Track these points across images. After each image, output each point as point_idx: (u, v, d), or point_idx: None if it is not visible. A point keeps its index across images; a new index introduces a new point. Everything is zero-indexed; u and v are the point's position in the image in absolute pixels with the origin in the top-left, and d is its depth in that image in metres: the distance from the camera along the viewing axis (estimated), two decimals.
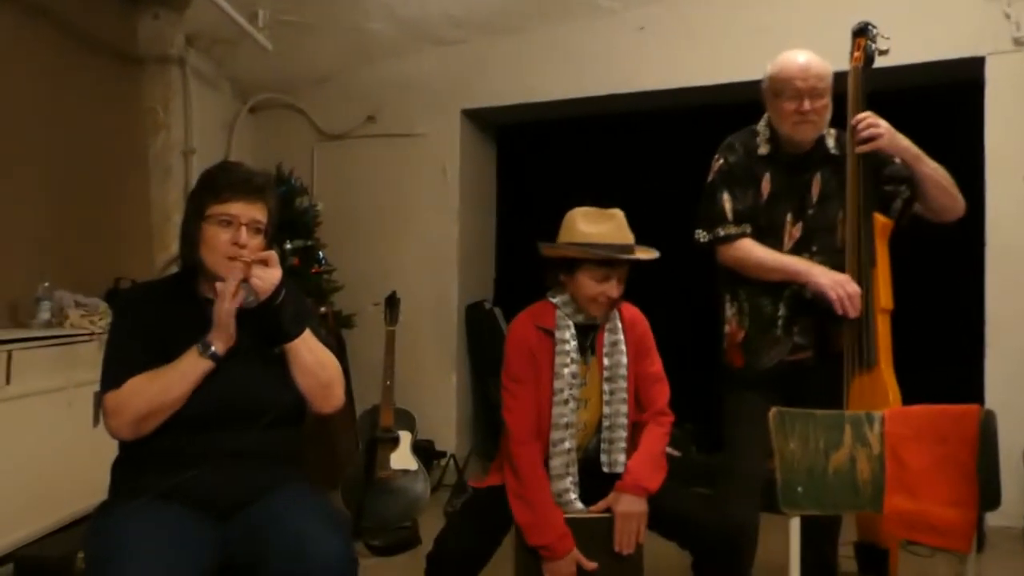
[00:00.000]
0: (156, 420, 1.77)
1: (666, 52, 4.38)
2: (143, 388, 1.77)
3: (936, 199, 2.41)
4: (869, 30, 2.54)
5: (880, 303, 2.38)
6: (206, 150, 4.50)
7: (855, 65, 2.51)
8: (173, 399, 1.77)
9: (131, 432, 1.78)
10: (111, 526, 1.71)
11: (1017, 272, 3.73)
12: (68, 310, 3.37)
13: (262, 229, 1.89)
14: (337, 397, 1.96)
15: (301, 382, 1.89)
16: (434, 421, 4.64)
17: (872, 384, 2.33)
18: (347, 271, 4.75)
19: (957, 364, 3.91)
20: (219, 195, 1.85)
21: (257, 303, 1.83)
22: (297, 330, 1.89)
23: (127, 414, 1.76)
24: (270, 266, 1.84)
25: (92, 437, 3.22)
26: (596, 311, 2.24)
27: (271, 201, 1.92)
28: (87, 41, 3.94)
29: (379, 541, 3.49)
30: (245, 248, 1.83)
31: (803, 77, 2.34)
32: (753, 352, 2.46)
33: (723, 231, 2.45)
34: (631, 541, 2.11)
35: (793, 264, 2.38)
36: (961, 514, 1.90)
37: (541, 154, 5.29)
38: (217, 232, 1.84)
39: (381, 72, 4.97)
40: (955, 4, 3.81)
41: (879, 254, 2.40)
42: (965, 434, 1.93)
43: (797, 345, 2.42)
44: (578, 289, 2.24)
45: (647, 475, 2.15)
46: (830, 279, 2.30)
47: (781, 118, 2.40)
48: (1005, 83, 3.78)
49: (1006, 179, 3.77)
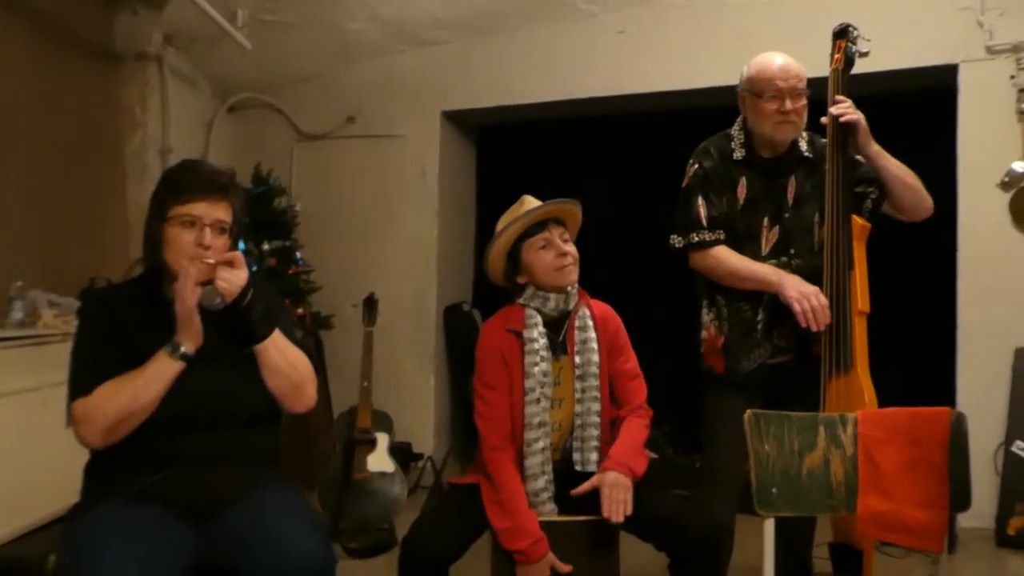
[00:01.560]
0: (128, 427, 1.75)
1: (645, 56, 4.40)
2: (113, 395, 1.74)
3: (903, 197, 2.44)
4: (850, 32, 2.55)
5: (857, 306, 2.39)
6: (184, 149, 4.47)
7: (835, 67, 2.52)
8: (144, 404, 1.75)
9: (102, 440, 1.76)
10: (85, 527, 1.69)
11: (989, 278, 3.79)
12: (42, 310, 3.34)
13: (227, 229, 1.86)
14: (309, 397, 1.95)
15: (271, 383, 1.88)
16: (412, 423, 4.64)
17: (848, 386, 2.35)
18: (325, 272, 4.74)
19: (929, 367, 3.97)
20: (181, 196, 1.82)
21: (224, 305, 1.80)
22: (266, 331, 1.87)
23: (97, 422, 1.74)
24: (236, 267, 1.82)
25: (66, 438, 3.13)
26: (565, 278, 2.25)
27: (236, 200, 1.89)
28: (64, 37, 3.90)
29: (356, 543, 3.47)
30: (209, 249, 1.81)
31: (784, 77, 2.38)
32: (733, 357, 2.46)
33: (697, 237, 2.45)
34: (619, 509, 2.06)
35: (764, 274, 2.38)
36: (933, 515, 1.93)
37: (521, 156, 5.30)
38: (180, 233, 1.81)
39: (361, 73, 4.96)
40: (929, 12, 3.87)
41: (857, 257, 2.42)
42: (937, 436, 1.95)
43: (777, 348, 2.43)
44: (535, 274, 2.26)
45: (631, 458, 2.15)
46: (797, 292, 2.31)
47: (762, 118, 2.41)
48: (978, 91, 3.84)
49: (979, 186, 3.82)
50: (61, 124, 3.87)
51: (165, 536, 1.69)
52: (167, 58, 4.38)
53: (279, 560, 1.65)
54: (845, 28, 2.57)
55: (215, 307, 1.80)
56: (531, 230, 2.27)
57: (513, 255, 2.30)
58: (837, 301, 2.36)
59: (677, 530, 2.13)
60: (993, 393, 3.71)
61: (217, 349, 1.84)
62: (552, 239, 2.25)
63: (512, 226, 2.27)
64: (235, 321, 1.83)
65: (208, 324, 1.82)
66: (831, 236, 2.39)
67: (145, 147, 4.35)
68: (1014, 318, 3.70)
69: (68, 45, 3.94)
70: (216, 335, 1.84)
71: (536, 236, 2.26)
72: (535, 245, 2.26)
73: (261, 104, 5.14)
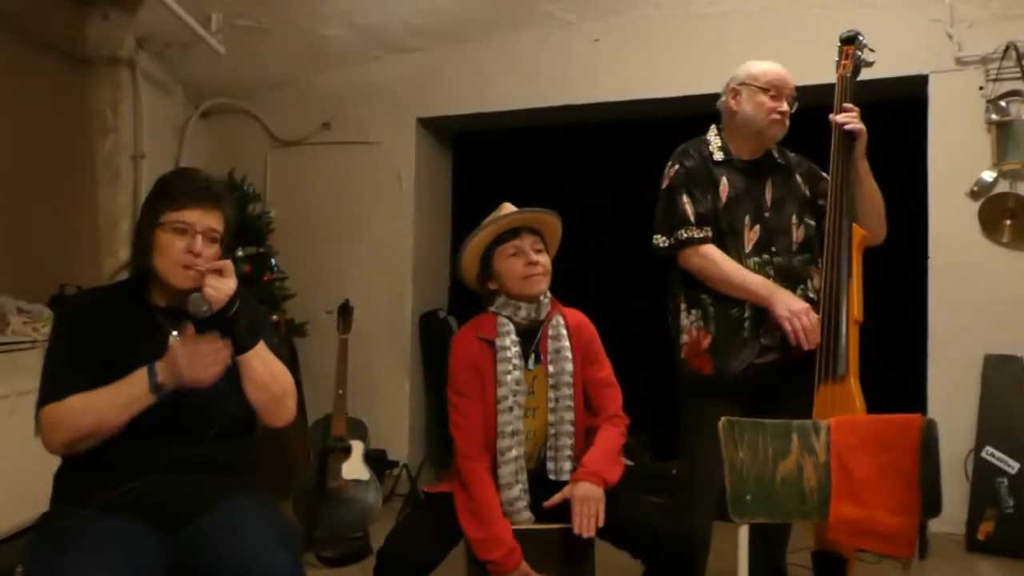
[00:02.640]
0: (90, 443, 1.73)
1: (621, 64, 4.43)
2: (83, 411, 1.72)
3: (868, 218, 2.48)
4: (859, 39, 2.59)
5: (852, 314, 2.39)
6: (156, 154, 4.43)
7: (842, 74, 2.56)
8: (110, 427, 1.72)
9: (64, 450, 1.75)
10: (54, 537, 1.67)
11: (958, 286, 3.84)
12: (10, 316, 3.28)
13: (218, 238, 1.85)
14: (288, 411, 1.92)
15: (252, 395, 1.85)
16: (387, 431, 4.62)
17: (842, 394, 2.34)
18: (300, 279, 4.71)
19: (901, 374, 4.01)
20: (175, 202, 1.81)
21: (210, 313, 1.78)
22: (251, 342, 1.85)
23: (61, 434, 1.72)
24: (225, 276, 1.80)
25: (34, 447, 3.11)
26: (533, 288, 2.24)
27: (228, 210, 1.89)
28: (34, 41, 3.85)
29: (331, 552, 3.45)
30: (200, 257, 1.79)
31: (787, 82, 2.48)
32: (722, 356, 2.45)
33: (686, 234, 2.45)
34: (590, 524, 2.07)
35: (756, 286, 2.39)
36: (905, 521, 1.94)
37: (497, 163, 5.30)
38: (172, 240, 1.80)
39: (337, 79, 4.94)
40: (900, 24, 3.91)
41: (855, 265, 2.42)
42: (908, 443, 1.97)
43: (765, 347, 2.43)
44: (505, 281, 2.26)
45: (604, 466, 2.14)
46: (787, 310, 2.32)
47: (760, 113, 2.46)
48: (948, 101, 3.90)
49: (949, 195, 3.87)
50: (31, 129, 3.81)
51: (135, 546, 1.68)
52: (140, 62, 4.33)
53: (246, 571, 1.64)
54: (854, 35, 2.60)
55: (201, 315, 1.78)
56: (504, 237, 2.26)
57: (485, 260, 2.30)
58: (834, 309, 2.36)
59: (652, 538, 2.13)
60: (963, 399, 3.76)
61: None
62: (523, 247, 2.25)
63: (484, 230, 2.27)
64: (220, 330, 1.80)
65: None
66: (832, 244, 2.40)
67: (117, 152, 4.29)
68: (983, 325, 3.75)
69: (38, 49, 3.88)
70: None
71: (507, 243, 2.26)
72: (506, 252, 2.26)
73: (235, 109, 5.11)
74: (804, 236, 2.51)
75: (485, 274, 2.31)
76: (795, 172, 2.57)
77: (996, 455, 3.63)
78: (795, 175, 2.57)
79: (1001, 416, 3.64)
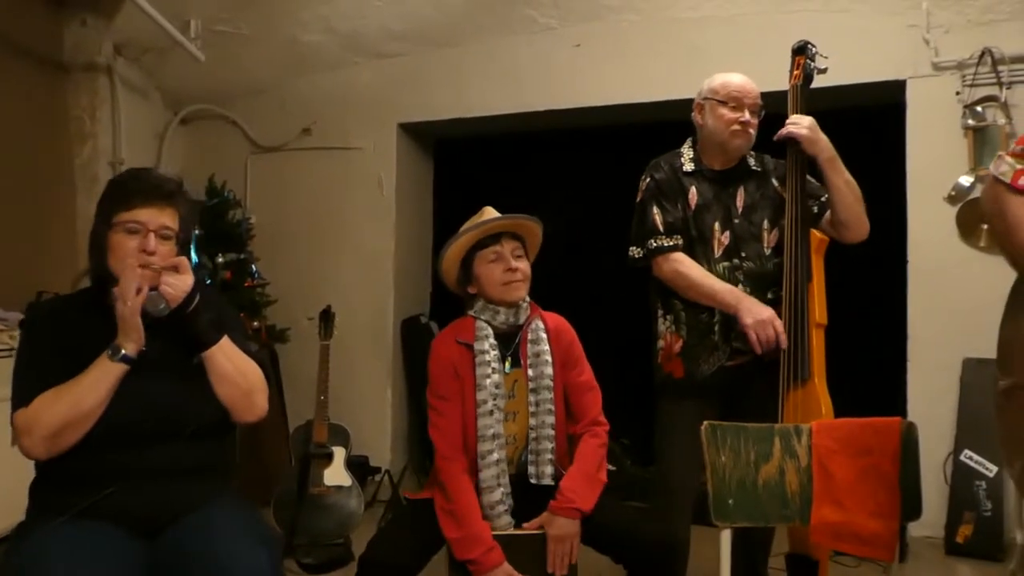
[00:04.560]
0: (71, 435, 1.71)
1: (602, 69, 4.44)
2: (54, 402, 1.70)
3: (842, 211, 2.51)
4: (808, 49, 2.64)
5: (815, 318, 2.44)
6: (135, 161, 4.38)
7: (794, 83, 2.61)
8: (86, 410, 1.71)
9: (45, 450, 1.71)
10: (30, 547, 1.65)
11: (937, 289, 3.87)
12: None
13: (172, 236, 1.84)
14: (259, 406, 1.91)
15: (220, 391, 1.85)
16: (369, 436, 4.60)
17: (806, 398, 2.38)
18: (281, 285, 4.69)
19: (881, 377, 4.04)
20: (127, 202, 1.80)
21: (169, 310, 1.78)
22: (214, 337, 1.84)
23: (39, 431, 1.69)
24: (181, 272, 1.80)
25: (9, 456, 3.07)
26: (512, 295, 2.25)
27: (182, 207, 1.87)
28: (10, 46, 3.81)
29: (311, 558, 3.42)
30: (154, 255, 1.78)
31: (747, 92, 2.50)
32: (692, 359, 2.48)
33: (655, 243, 2.49)
34: (564, 563, 2.11)
35: (723, 295, 2.41)
36: (884, 524, 1.96)
37: (479, 168, 5.30)
38: (124, 240, 1.79)
39: (317, 84, 4.93)
40: (878, 29, 3.95)
41: (815, 269, 2.48)
42: (888, 446, 1.98)
43: (735, 350, 2.45)
44: (485, 287, 2.26)
45: (581, 495, 2.15)
46: (753, 319, 2.35)
47: (721, 126, 2.49)
48: (925, 106, 3.93)
49: (927, 199, 3.90)
50: (7, 135, 3.78)
51: (112, 553, 1.66)
52: (118, 68, 4.31)
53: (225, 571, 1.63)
54: (804, 45, 2.66)
55: (160, 313, 1.77)
56: (484, 242, 2.27)
57: (466, 265, 2.30)
58: (796, 312, 2.40)
59: (634, 542, 2.14)
60: (942, 403, 3.79)
61: (165, 360, 1.81)
62: (503, 253, 2.25)
63: (465, 235, 2.27)
64: (182, 328, 1.80)
65: (155, 334, 1.78)
66: (790, 248, 2.44)
67: (95, 159, 4.26)
68: (962, 329, 3.76)
69: (15, 55, 3.85)
70: (164, 345, 1.81)
71: (488, 248, 2.26)
72: (486, 257, 2.26)
73: (215, 116, 5.08)
74: (778, 239, 2.53)
75: (465, 278, 2.31)
76: (771, 176, 2.60)
77: (975, 458, 3.66)
78: (771, 180, 2.60)
79: (980, 420, 3.66)
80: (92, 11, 4.13)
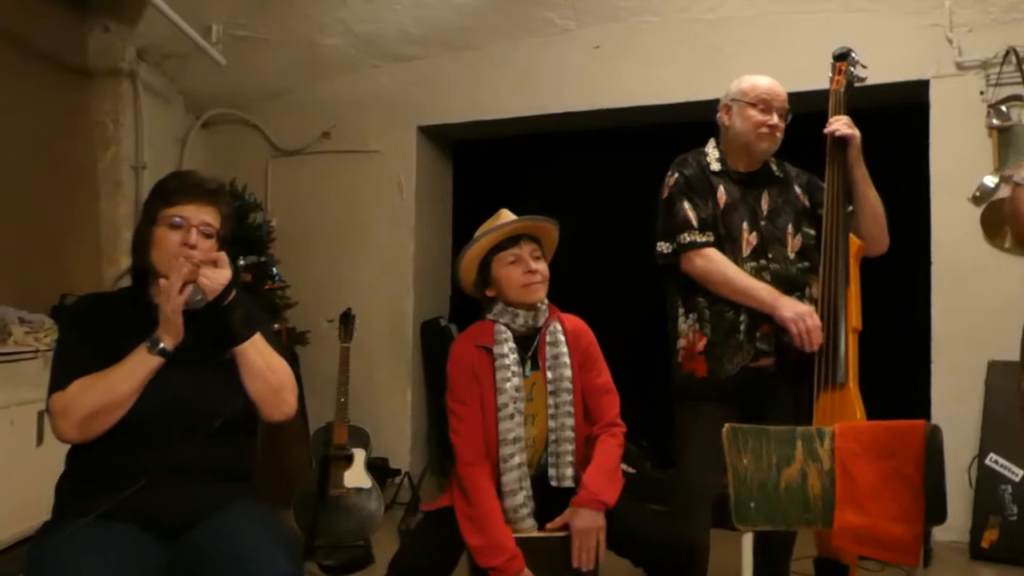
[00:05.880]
0: (104, 420, 1.74)
1: (620, 71, 4.43)
2: (90, 387, 1.75)
3: (869, 225, 2.52)
4: (851, 56, 2.64)
5: (851, 323, 2.41)
6: (158, 165, 4.42)
7: (835, 88, 2.61)
8: (120, 397, 1.75)
9: (78, 433, 1.75)
10: (54, 547, 1.67)
11: (961, 291, 3.83)
12: (12, 327, 3.28)
13: (213, 233, 1.89)
14: (288, 404, 1.94)
15: (251, 386, 1.88)
16: (389, 439, 4.61)
17: (841, 402, 2.35)
18: (301, 288, 4.71)
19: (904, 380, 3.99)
20: (170, 199, 1.87)
21: (205, 302, 1.82)
22: (247, 332, 1.88)
23: (74, 413, 1.73)
24: (219, 267, 1.85)
25: (35, 456, 3.13)
26: (532, 296, 2.24)
27: (223, 207, 1.94)
28: (35, 53, 3.86)
29: (332, 560, 3.44)
30: (195, 249, 1.83)
31: (775, 95, 2.50)
32: (716, 359, 2.46)
33: (688, 237, 2.47)
34: (591, 557, 2.09)
35: (759, 291, 2.40)
36: (908, 529, 1.94)
37: (497, 170, 5.30)
38: (167, 234, 1.85)
39: (336, 88, 4.95)
40: (901, 29, 3.92)
41: (852, 275, 2.46)
42: (912, 449, 1.96)
43: (760, 351, 2.44)
44: (503, 289, 2.26)
45: (603, 488, 2.14)
46: (793, 312, 2.34)
47: (749, 127, 2.49)
48: (948, 106, 3.89)
49: (951, 200, 3.86)
50: (33, 140, 3.82)
51: (135, 553, 1.68)
52: (140, 74, 4.34)
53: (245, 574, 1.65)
54: (846, 52, 2.66)
55: (196, 304, 1.82)
56: (502, 244, 2.26)
57: (484, 268, 2.29)
58: (832, 317, 2.39)
59: (654, 546, 2.12)
60: (967, 406, 3.74)
61: (196, 353, 1.85)
62: (522, 255, 2.25)
63: (484, 238, 2.27)
64: (216, 321, 1.84)
65: (189, 326, 1.82)
66: (829, 253, 2.43)
67: (118, 163, 4.30)
68: (987, 331, 3.72)
69: (40, 61, 3.89)
70: (196, 338, 1.84)
71: (507, 251, 2.26)
72: (505, 260, 2.26)
73: (235, 120, 5.12)
74: (801, 244, 2.52)
75: (483, 281, 2.31)
76: (794, 184, 2.60)
77: (1000, 462, 3.61)
78: (794, 186, 2.60)
79: (1005, 423, 3.61)
80: (115, 17, 4.17)
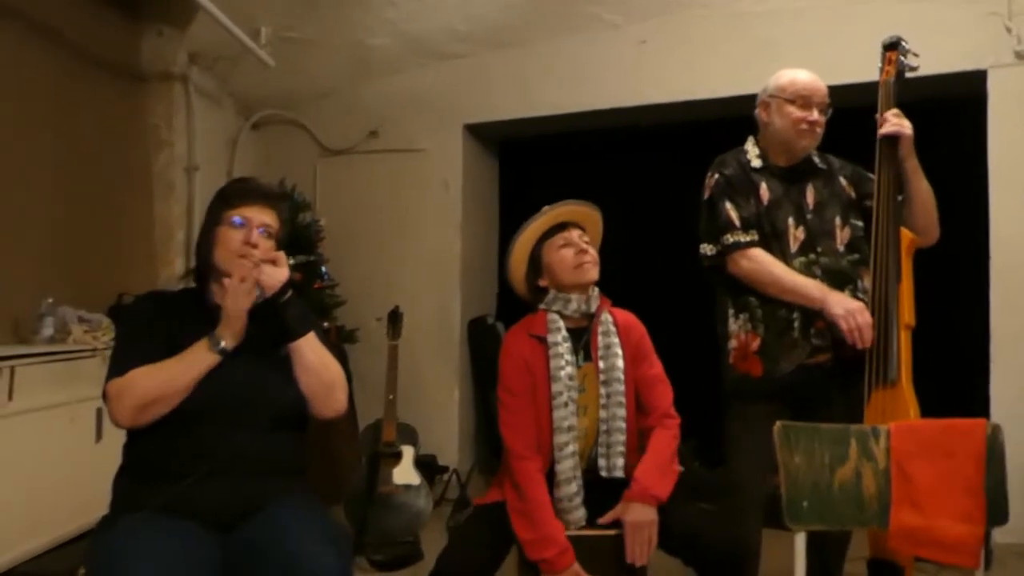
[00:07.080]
0: (156, 410, 1.79)
1: (668, 66, 4.39)
2: (147, 375, 1.80)
3: (920, 217, 2.47)
4: (901, 45, 2.58)
5: (904, 319, 2.37)
6: (209, 166, 4.52)
7: (885, 79, 2.55)
8: (176, 389, 1.80)
9: (130, 419, 1.80)
10: (112, 541, 1.71)
11: (1021, 287, 3.72)
12: (71, 326, 3.37)
13: (272, 234, 1.98)
14: (339, 401, 1.98)
15: (304, 381, 1.93)
16: (436, 436, 4.64)
17: (894, 400, 2.31)
18: (350, 286, 4.75)
19: (963, 378, 3.90)
20: (233, 201, 1.96)
21: (263, 298, 1.90)
22: (302, 329, 1.94)
23: (129, 399, 1.79)
24: (278, 265, 1.93)
25: (94, 453, 3.21)
26: (585, 276, 2.28)
27: (283, 212, 2.04)
28: (91, 59, 3.95)
29: (381, 556, 3.47)
30: (256, 247, 1.91)
31: (815, 90, 2.46)
32: (772, 358, 2.42)
33: (732, 238, 2.44)
34: (643, 552, 2.08)
35: (808, 289, 2.36)
36: (968, 530, 1.89)
37: (544, 168, 5.30)
38: (230, 233, 1.93)
39: (383, 87, 4.99)
40: (957, 17, 3.82)
41: (904, 270, 2.41)
42: (972, 449, 1.92)
43: (815, 348, 2.39)
44: (556, 273, 2.30)
45: (655, 482, 2.13)
46: (843, 309, 2.29)
47: (788, 124, 2.45)
48: (1008, 96, 3.78)
49: (1010, 194, 3.76)
50: (89, 143, 3.92)
51: (191, 549, 1.71)
52: (192, 77, 4.42)
53: (295, 570, 1.67)
54: (897, 41, 2.59)
55: (256, 300, 1.89)
56: (551, 231, 2.31)
57: (534, 258, 2.33)
58: (884, 314, 2.34)
59: (704, 546, 2.10)
60: None
61: (252, 346, 1.91)
62: (572, 238, 2.30)
63: (532, 224, 2.32)
64: (272, 317, 1.91)
65: (247, 322, 1.89)
66: (880, 248, 2.38)
67: (171, 165, 4.38)
68: None
69: (95, 66, 3.98)
70: (253, 334, 1.91)
71: (556, 236, 2.31)
72: (555, 244, 2.30)
73: (285, 120, 5.19)
74: (850, 237, 2.47)
75: (534, 271, 2.33)
76: (838, 175, 2.55)
77: None
78: (839, 178, 2.55)
79: None
80: (167, 22, 4.25)
